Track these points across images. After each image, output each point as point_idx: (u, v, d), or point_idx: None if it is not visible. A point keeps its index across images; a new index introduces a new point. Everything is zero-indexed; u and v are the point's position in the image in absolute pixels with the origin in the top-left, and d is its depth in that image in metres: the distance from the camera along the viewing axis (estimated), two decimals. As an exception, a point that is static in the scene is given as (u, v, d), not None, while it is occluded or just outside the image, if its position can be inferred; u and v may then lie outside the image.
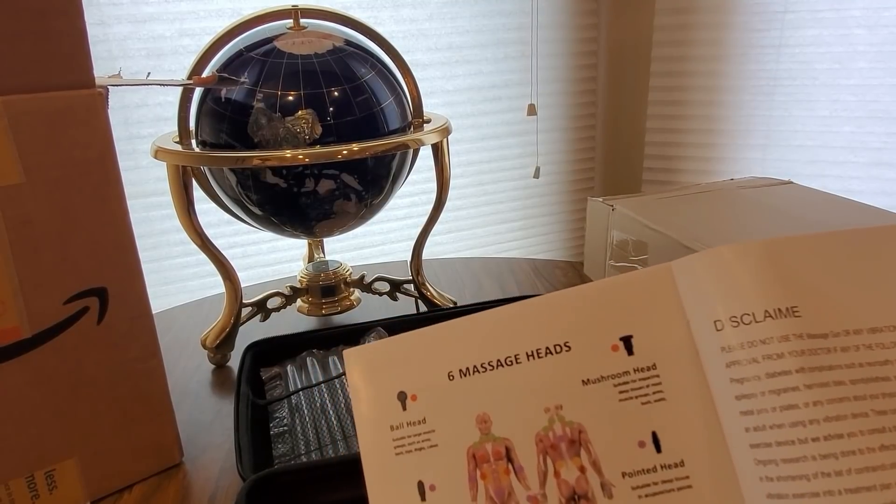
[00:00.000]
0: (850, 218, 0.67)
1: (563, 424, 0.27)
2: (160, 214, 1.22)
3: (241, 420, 0.49)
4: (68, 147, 0.40)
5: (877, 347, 0.23)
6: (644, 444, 0.26)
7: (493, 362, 0.28)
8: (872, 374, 0.23)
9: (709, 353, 0.26)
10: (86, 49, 0.40)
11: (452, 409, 0.27)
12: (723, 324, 0.25)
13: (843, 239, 0.25)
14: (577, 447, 0.26)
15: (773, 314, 0.24)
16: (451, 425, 0.27)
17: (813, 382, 0.23)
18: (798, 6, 1.32)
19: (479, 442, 0.27)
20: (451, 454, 0.27)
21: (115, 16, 1.11)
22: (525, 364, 0.27)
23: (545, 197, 1.59)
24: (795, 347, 0.24)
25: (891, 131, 1.32)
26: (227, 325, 0.65)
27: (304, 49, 0.57)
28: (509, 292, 0.79)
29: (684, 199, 0.76)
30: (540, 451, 0.27)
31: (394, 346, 0.29)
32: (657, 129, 1.53)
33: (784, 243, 0.25)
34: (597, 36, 1.51)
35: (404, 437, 0.27)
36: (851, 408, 0.23)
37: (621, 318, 0.27)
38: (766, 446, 0.23)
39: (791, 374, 0.23)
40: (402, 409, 0.28)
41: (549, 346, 0.27)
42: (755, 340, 0.24)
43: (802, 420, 0.23)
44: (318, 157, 0.54)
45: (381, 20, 1.28)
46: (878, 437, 0.22)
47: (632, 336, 0.27)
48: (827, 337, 0.24)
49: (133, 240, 0.44)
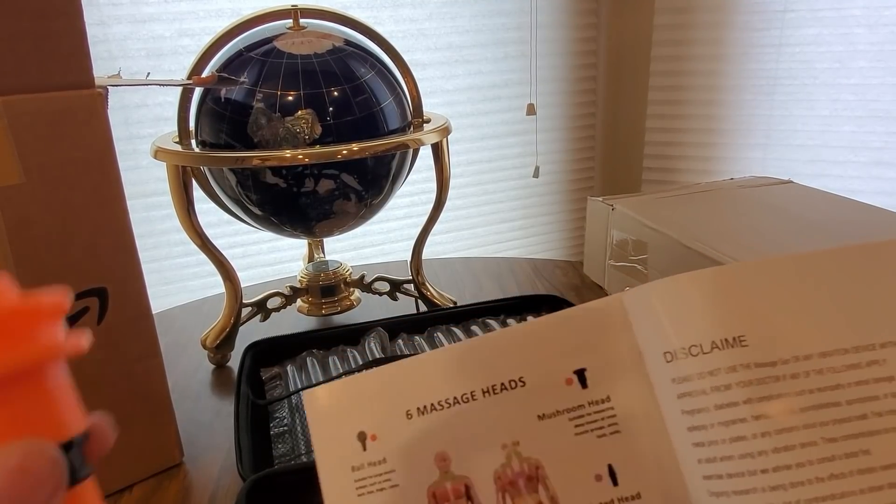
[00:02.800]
0: (849, 217, 0.67)
1: (520, 460, 0.27)
2: (160, 214, 1.22)
3: (241, 420, 0.49)
4: (68, 147, 0.40)
5: (827, 372, 0.23)
6: (601, 477, 0.26)
7: (451, 400, 0.27)
8: (823, 401, 0.23)
9: (661, 384, 0.26)
10: (85, 49, 0.40)
11: (412, 449, 0.27)
12: (672, 355, 0.25)
13: (794, 264, 0.25)
14: (535, 483, 0.26)
15: (720, 344, 0.24)
16: (411, 465, 0.27)
17: (760, 413, 0.23)
18: (798, 5, 1.32)
19: (440, 481, 0.27)
20: (412, 494, 0.27)
21: (114, 16, 1.11)
22: (481, 400, 0.27)
23: (545, 196, 1.59)
24: (742, 378, 0.23)
25: (891, 131, 1.32)
26: (227, 325, 0.65)
27: (303, 49, 0.57)
28: (509, 292, 0.79)
29: (684, 199, 0.76)
30: (499, 488, 0.27)
31: (353, 386, 0.29)
32: (657, 128, 1.53)
33: (732, 271, 0.25)
34: (596, 35, 1.51)
35: (366, 477, 0.27)
36: (800, 437, 0.22)
37: (574, 351, 0.27)
38: (717, 478, 0.23)
39: (739, 405, 0.23)
40: (363, 450, 0.28)
41: (503, 381, 0.27)
42: (703, 372, 0.24)
43: (751, 451, 0.23)
44: (318, 157, 0.54)
45: (380, 20, 1.28)
46: (827, 467, 0.22)
47: (585, 369, 0.27)
48: (776, 365, 0.23)
49: (133, 240, 0.44)
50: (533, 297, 0.68)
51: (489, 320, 0.65)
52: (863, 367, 0.23)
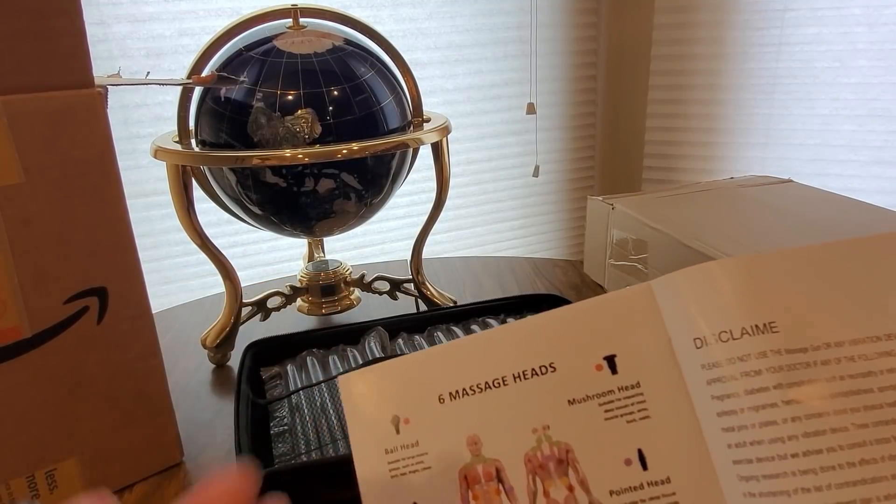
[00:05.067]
0: (850, 216, 0.67)
1: (550, 444, 0.27)
2: (160, 214, 1.22)
3: (241, 420, 0.49)
4: (68, 147, 0.40)
5: (859, 359, 0.23)
6: (630, 461, 0.26)
7: (482, 385, 0.28)
8: (854, 387, 0.23)
9: (691, 370, 0.26)
10: (85, 49, 0.40)
11: (444, 432, 0.28)
12: (702, 341, 0.25)
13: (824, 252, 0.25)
14: (564, 466, 0.27)
15: (751, 331, 0.24)
16: (443, 447, 0.28)
17: (790, 398, 0.23)
18: (798, 4, 1.32)
19: (471, 463, 0.28)
20: (443, 476, 0.28)
21: (114, 15, 1.11)
22: (512, 386, 0.28)
23: (545, 196, 1.59)
24: (773, 363, 0.24)
25: (891, 129, 1.32)
26: (227, 325, 0.65)
27: (303, 48, 0.57)
28: (509, 291, 0.79)
29: (684, 198, 0.76)
30: (529, 471, 0.27)
31: (387, 371, 0.29)
32: (657, 127, 1.53)
33: (763, 259, 0.25)
34: (596, 34, 1.51)
35: (399, 459, 0.28)
36: (830, 423, 0.23)
37: (604, 337, 0.28)
38: (747, 462, 0.24)
39: (769, 390, 0.23)
40: (396, 433, 0.28)
41: (534, 367, 0.28)
42: (734, 357, 0.24)
43: (781, 436, 0.23)
44: (318, 157, 0.54)
45: (380, 19, 1.28)
46: (857, 452, 0.22)
47: (615, 355, 0.27)
48: (806, 351, 0.24)
49: (133, 240, 0.44)
50: (533, 296, 0.68)
51: (489, 319, 0.65)
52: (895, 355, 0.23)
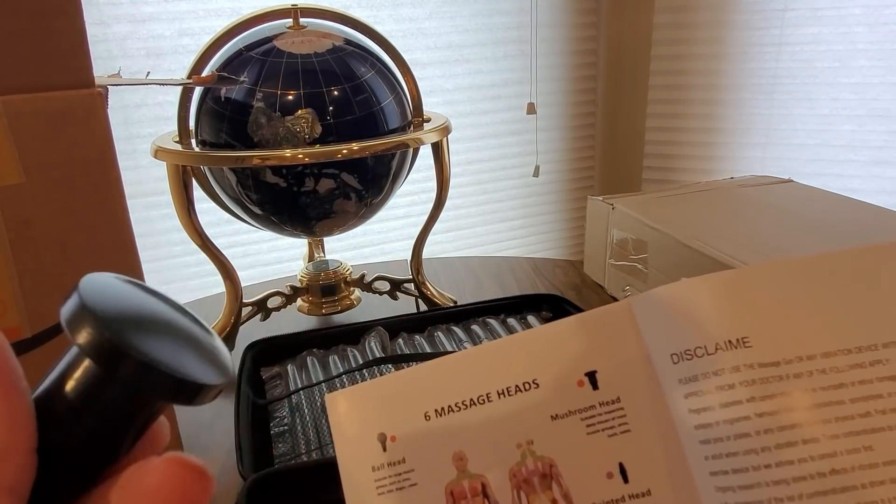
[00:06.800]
0: (849, 216, 0.67)
1: (534, 459, 0.28)
2: (160, 214, 1.22)
3: (241, 420, 0.49)
4: (68, 147, 0.40)
5: (831, 371, 0.24)
6: (612, 475, 0.27)
7: (467, 401, 0.29)
8: (825, 399, 0.24)
9: (669, 384, 0.27)
10: (85, 49, 0.40)
11: (430, 449, 0.28)
12: (679, 357, 0.26)
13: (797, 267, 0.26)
14: (548, 481, 0.27)
15: (724, 346, 0.25)
16: (430, 464, 0.28)
17: (763, 411, 0.24)
18: (798, 4, 1.32)
19: (457, 479, 0.28)
20: (430, 492, 0.28)
21: (114, 15, 1.11)
22: (496, 402, 0.28)
23: (545, 196, 1.59)
24: (746, 377, 0.25)
25: (891, 129, 1.32)
26: (228, 325, 0.65)
27: (303, 48, 0.57)
28: (509, 291, 0.79)
29: (684, 198, 0.76)
30: (514, 485, 0.28)
31: (373, 389, 0.30)
32: (657, 127, 1.53)
33: (737, 275, 0.26)
34: (596, 34, 1.51)
35: (386, 476, 0.28)
36: (802, 434, 0.23)
37: (585, 354, 0.28)
38: (723, 474, 0.24)
39: (742, 403, 0.24)
40: (383, 450, 0.29)
41: (518, 384, 0.28)
42: (708, 372, 0.25)
43: (755, 448, 0.24)
44: (318, 157, 0.54)
45: (380, 19, 1.28)
46: (829, 462, 0.23)
47: (596, 371, 0.28)
48: (779, 364, 0.24)
49: (133, 240, 0.44)
50: (533, 296, 0.68)
51: (489, 319, 0.65)
52: (866, 367, 0.24)
